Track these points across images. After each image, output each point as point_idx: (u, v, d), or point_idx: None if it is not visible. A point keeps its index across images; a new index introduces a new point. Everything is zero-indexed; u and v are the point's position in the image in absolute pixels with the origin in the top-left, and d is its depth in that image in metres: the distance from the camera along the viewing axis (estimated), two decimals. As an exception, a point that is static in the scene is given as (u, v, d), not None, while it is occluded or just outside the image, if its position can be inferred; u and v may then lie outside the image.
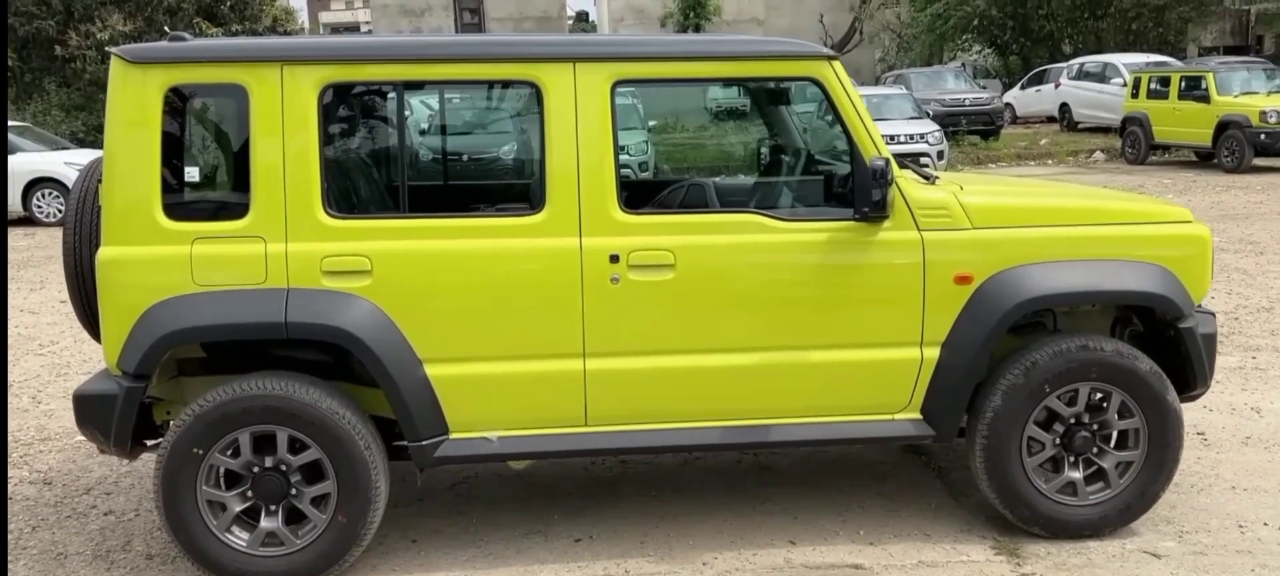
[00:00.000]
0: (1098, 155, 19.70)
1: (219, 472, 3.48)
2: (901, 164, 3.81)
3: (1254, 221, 11.56)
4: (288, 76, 3.43)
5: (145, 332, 3.36)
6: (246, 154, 3.44)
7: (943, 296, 3.63)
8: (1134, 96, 18.59)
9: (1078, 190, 4.47)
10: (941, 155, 16.47)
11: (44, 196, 14.56)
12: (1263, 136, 15.95)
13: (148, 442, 3.70)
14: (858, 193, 3.54)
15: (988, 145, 20.67)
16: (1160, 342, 3.85)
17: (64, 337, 7.62)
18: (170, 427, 3.48)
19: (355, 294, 3.43)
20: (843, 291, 3.63)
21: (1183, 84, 17.41)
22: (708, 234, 3.60)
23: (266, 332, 3.40)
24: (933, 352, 3.66)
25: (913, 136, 16.09)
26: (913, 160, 4.14)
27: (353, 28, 54.53)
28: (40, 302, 9.02)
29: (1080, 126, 23.24)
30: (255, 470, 3.48)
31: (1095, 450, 3.76)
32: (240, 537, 3.51)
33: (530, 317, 3.53)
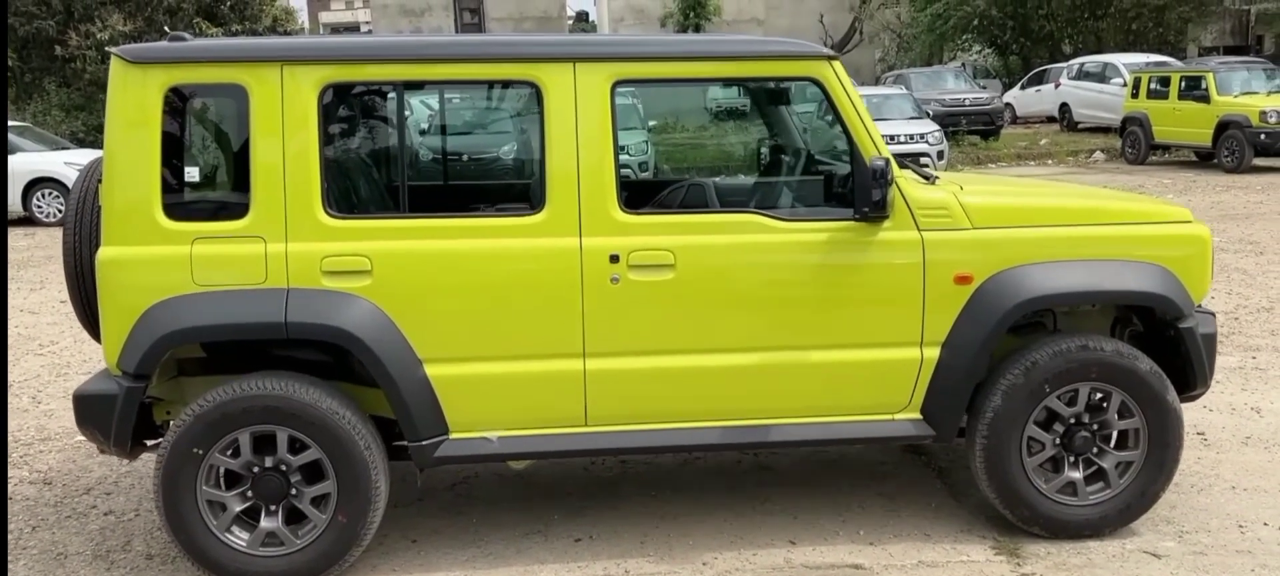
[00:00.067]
0: (1098, 155, 19.70)
1: (219, 472, 3.48)
2: (901, 164, 3.81)
3: (1254, 221, 11.56)
4: (288, 76, 3.42)
5: (145, 332, 3.36)
6: (246, 154, 3.44)
7: (943, 296, 3.63)
8: (1134, 96, 18.59)
9: (1078, 190, 4.47)
10: (941, 155, 16.47)
11: (44, 196, 14.56)
12: (1263, 136, 15.95)
13: (148, 443, 3.70)
14: (858, 192, 3.54)
15: (988, 145, 20.67)
16: (1160, 342, 3.85)
17: (64, 337, 7.62)
18: (170, 427, 3.48)
19: (355, 294, 3.43)
20: (843, 291, 3.63)
21: (1183, 84, 17.41)
22: (708, 234, 3.60)
23: (266, 333, 3.40)
24: (933, 352, 3.66)
25: (913, 136, 16.09)
26: (913, 160, 4.13)
27: (353, 28, 54.54)
28: (40, 303, 9.02)
29: (1080, 126, 23.24)
30: (255, 470, 3.47)
31: (1095, 450, 3.76)
32: (240, 537, 3.51)
33: (530, 317, 3.52)
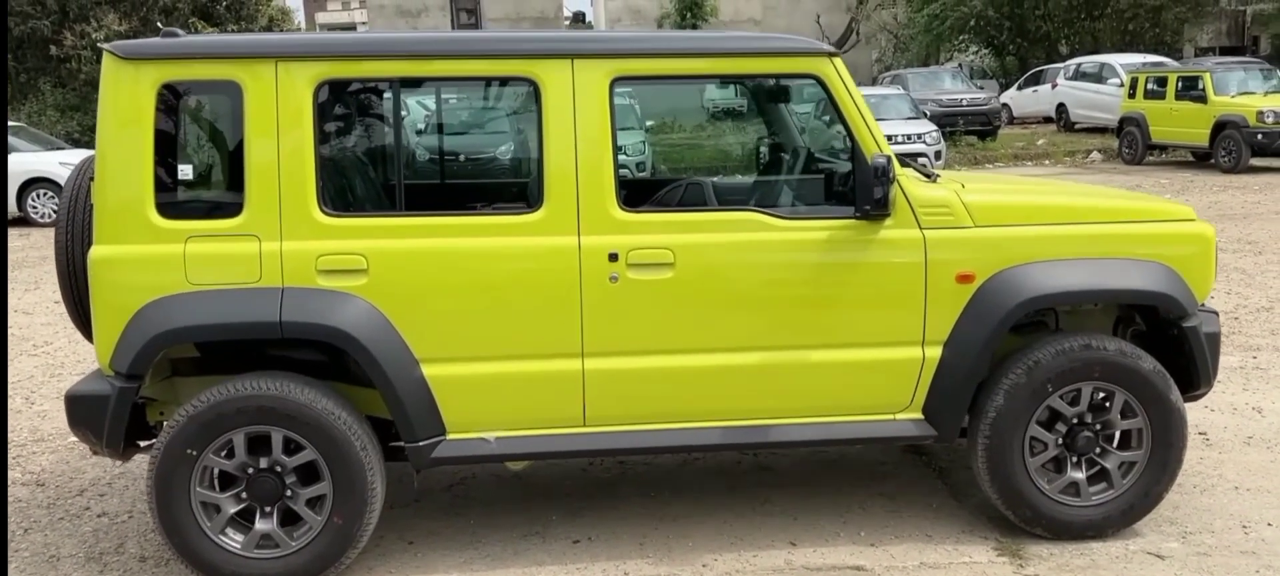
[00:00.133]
0: (1095, 155, 19.70)
1: (213, 474, 3.44)
2: (901, 163, 3.78)
3: (1252, 221, 11.55)
4: (283, 73, 3.39)
5: (138, 332, 3.32)
6: (241, 152, 3.40)
7: (944, 295, 3.60)
8: (1131, 97, 18.59)
9: (1080, 188, 4.44)
10: (939, 155, 16.47)
11: (39, 197, 14.52)
12: (1259, 136, 15.95)
13: (141, 444, 3.66)
14: (859, 191, 3.51)
15: (985, 145, 20.66)
16: (1163, 342, 3.82)
17: (58, 338, 7.58)
18: (164, 428, 3.44)
19: (351, 293, 3.39)
20: (844, 290, 3.60)
21: (1180, 84, 17.41)
22: (707, 232, 3.57)
23: (261, 332, 3.36)
24: (934, 352, 3.63)
25: (910, 137, 16.08)
26: (910, 160, 4.10)
27: (349, 28, 54.43)
28: (35, 303, 8.97)
29: (1077, 127, 23.25)
30: (250, 471, 3.44)
31: (1098, 450, 3.73)
32: (235, 540, 3.47)
33: (528, 317, 3.49)
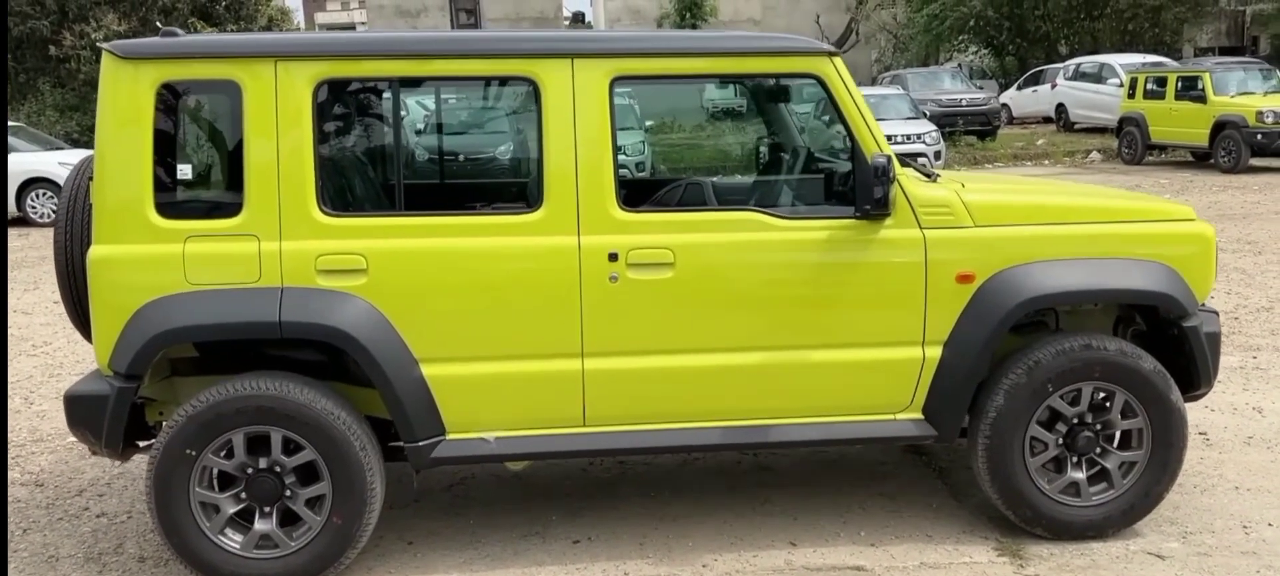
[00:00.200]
0: (1094, 155, 19.70)
1: (212, 474, 3.43)
2: (900, 163, 3.77)
3: (1252, 221, 11.55)
4: (282, 72, 3.38)
5: (137, 332, 3.31)
6: (240, 151, 3.40)
7: (945, 295, 3.59)
8: (1130, 97, 18.59)
9: (1081, 188, 4.44)
10: (938, 155, 16.46)
11: (38, 197, 14.51)
12: (1259, 136, 15.95)
13: (140, 444, 3.66)
14: (859, 190, 3.51)
15: (984, 146, 20.66)
16: (1163, 341, 3.81)
17: (57, 338, 7.57)
18: (163, 428, 3.43)
19: (350, 293, 3.39)
20: (844, 290, 3.59)
21: (1179, 84, 17.40)
22: (707, 232, 3.56)
23: (260, 332, 3.36)
24: (935, 352, 3.62)
25: (909, 137, 16.07)
26: (910, 160, 4.09)
27: (348, 28, 54.46)
28: (34, 303, 8.97)
29: (1077, 127, 23.25)
30: (249, 471, 3.43)
31: (1098, 450, 3.73)
32: (234, 540, 3.46)
33: (528, 317, 3.48)
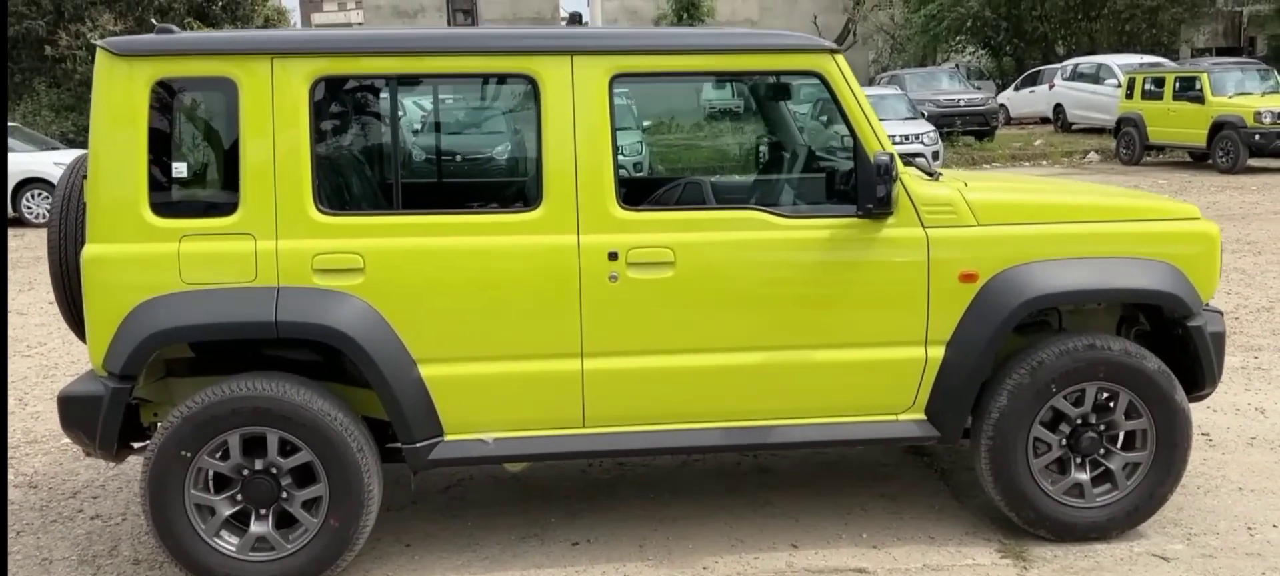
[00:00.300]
0: (1092, 156, 19.70)
1: (207, 476, 3.40)
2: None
3: (1251, 221, 11.54)
4: (278, 70, 3.35)
5: (131, 332, 3.27)
6: (236, 149, 3.36)
7: (947, 294, 3.56)
8: (1129, 97, 18.58)
9: (1084, 187, 4.41)
10: (937, 156, 16.44)
11: (33, 197, 14.48)
12: (1257, 137, 15.96)
13: (134, 445, 3.62)
14: (861, 188, 3.48)
15: (982, 146, 20.66)
16: (1167, 341, 3.79)
17: (52, 339, 7.53)
18: (158, 430, 3.39)
19: (347, 292, 3.35)
20: (846, 290, 3.56)
21: (1177, 85, 17.41)
22: (708, 231, 3.53)
23: (256, 332, 3.32)
24: (937, 352, 3.59)
25: (907, 137, 16.06)
26: (909, 160, 4.06)
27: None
28: (29, 304, 8.92)
29: (1074, 127, 23.25)
30: (245, 473, 3.39)
31: (1102, 451, 3.70)
32: (229, 542, 3.43)
33: (527, 317, 3.45)
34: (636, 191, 4.30)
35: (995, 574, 3.57)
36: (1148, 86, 18.14)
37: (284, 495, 3.42)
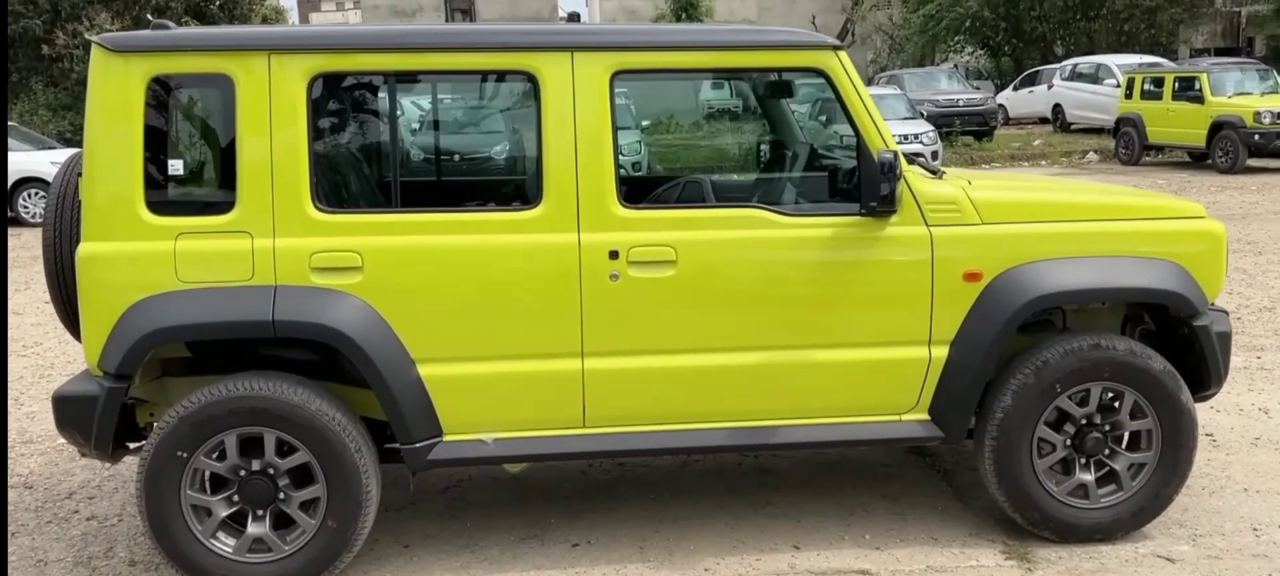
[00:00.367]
0: (1091, 156, 19.68)
1: (204, 476, 3.36)
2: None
3: (1251, 221, 11.52)
4: (276, 66, 3.31)
5: (127, 331, 3.24)
6: (233, 147, 3.33)
7: (951, 293, 3.53)
8: (1128, 97, 18.57)
9: (1088, 186, 4.38)
10: (935, 156, 16.42)
11: (30, 196, 14.43)
12: (1257, 137, 15.95)
13: (130, 445, 3.58)
14: (865, 187, 3.45)
15: (981, 146, 20.64)
16: (1172, 340, 3.76)
17: (48, 338, 7.49)
18: (154, 430, 3.36)
19: (345, 291, 3.32)
20: (849, 288, 3.53)
21: (1176, 85, 17.39)
22: (710, 229, 3.50)
23: (253, 331, 3.29)
24: (941, 351, 3.56)
25: (907, 137, 16.03)
26: (909, 160, 4.03)
27: (343, 28, 54.41)
28: (25, 303, 8.89)
29: (1073, 127, 23.24)
30: (242, 473, 3.36)
31: (1107, 451, 3.67)
32: (226, 543, 3.40)
33: (527, 316, 3.42)
34: (637, 190, 4.27)
35: (999, 575, 3.54)
36: (1147, 86, 18.13)
37: (281, 496, 3.39)
